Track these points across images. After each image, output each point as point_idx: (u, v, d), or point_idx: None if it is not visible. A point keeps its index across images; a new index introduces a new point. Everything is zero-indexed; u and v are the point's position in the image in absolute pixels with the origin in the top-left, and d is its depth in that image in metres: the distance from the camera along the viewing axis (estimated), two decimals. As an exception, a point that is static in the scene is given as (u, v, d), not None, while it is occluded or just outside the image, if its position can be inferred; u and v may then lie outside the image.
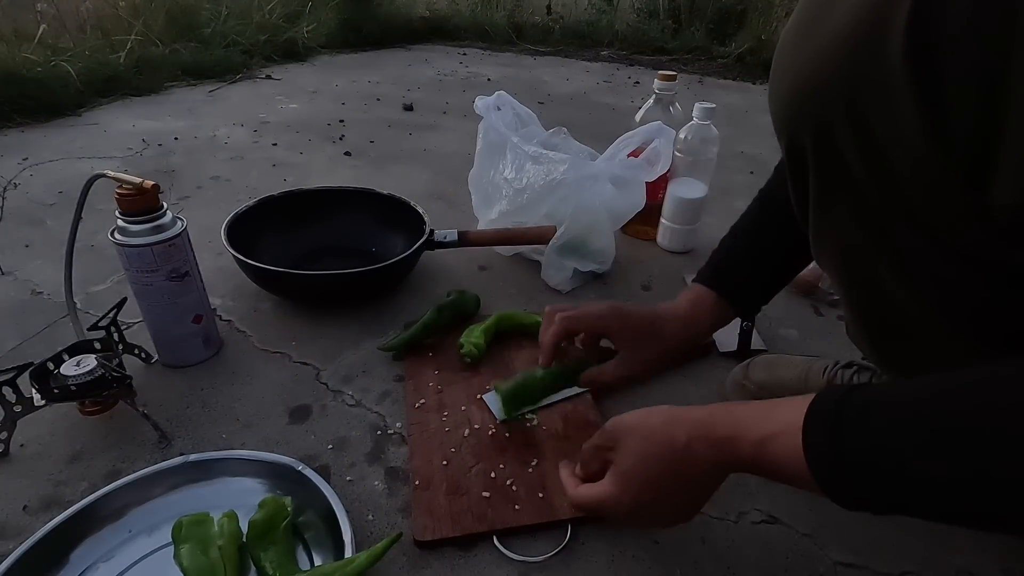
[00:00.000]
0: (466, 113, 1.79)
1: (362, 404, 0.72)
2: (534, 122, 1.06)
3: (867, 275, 0.44)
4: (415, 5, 3.20)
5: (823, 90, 0.37)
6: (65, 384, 0.62)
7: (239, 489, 0.58)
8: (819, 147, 0.40)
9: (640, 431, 0.47)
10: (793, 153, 0.43)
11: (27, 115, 1.61)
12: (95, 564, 0.52)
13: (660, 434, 0.46)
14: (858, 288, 0.47)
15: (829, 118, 0.37)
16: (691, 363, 0.80)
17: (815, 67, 0.37)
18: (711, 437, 0.43)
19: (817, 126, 0.39)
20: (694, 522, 0.57)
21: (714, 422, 0.44)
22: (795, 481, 0.39)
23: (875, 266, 0.42)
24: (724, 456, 0.43)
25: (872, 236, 0.41)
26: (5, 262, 0.97)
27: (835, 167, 0.39)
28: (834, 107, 0.37)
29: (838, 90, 0.36)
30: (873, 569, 0.55)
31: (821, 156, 0.40)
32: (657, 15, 2.93)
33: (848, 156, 0.38)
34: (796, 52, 0.39)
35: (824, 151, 0.39)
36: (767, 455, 0.40)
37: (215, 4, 2.47)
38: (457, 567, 0.54)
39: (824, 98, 0.37)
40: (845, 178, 0.39)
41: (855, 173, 0.38)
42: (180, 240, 0.70)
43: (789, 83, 0.40)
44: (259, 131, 1.64)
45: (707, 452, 0.43)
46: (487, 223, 1.01)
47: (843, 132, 0.37)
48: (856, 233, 0.42)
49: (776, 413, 0.40)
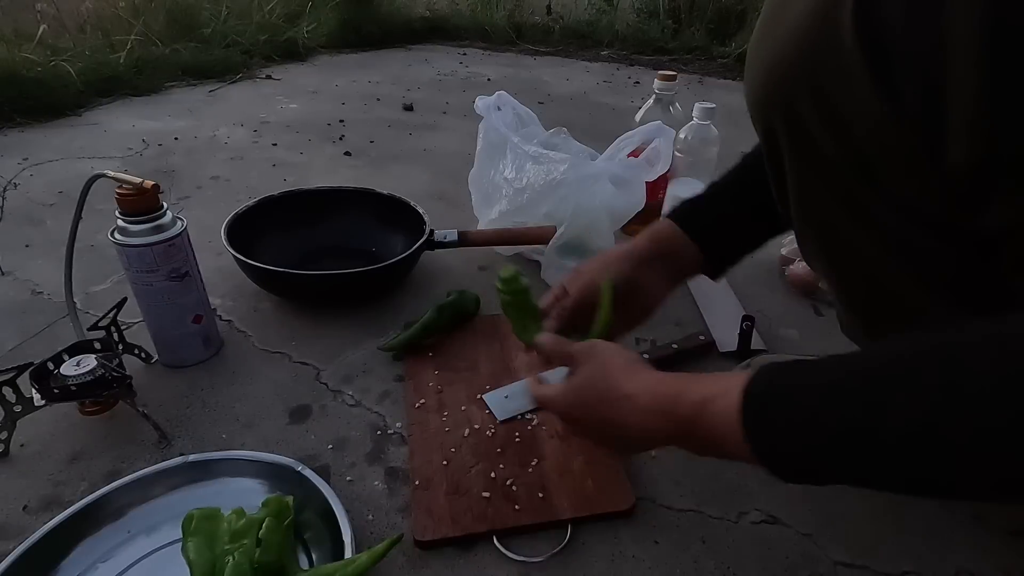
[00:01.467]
0: (466, 113, 1.79)
1: (362, 404, 0.72)
2: (534, 122, 1.06)
3: (850, 258, 0.46)
4: (415, 5, 3.20)
5: (788, 76, 0.40)
6: (65, 384, 0.62)
7: (239, 489, 0.58)
8: (790, 128, 0.42)
9: (600, 359, 0.50)
10: (768, 138, 0.46)
11: (27, 115, 1.60)
12: (94, 564, 0.52)
13: (610, 374, 0.49)
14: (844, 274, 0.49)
15: (796, 100, 0.40)
16: (691, 364, 0.80)
17: (778, 57, 0.41)
18: (655, 392, 0.45)
19: (786, 109, 0.42)
20: (694, 522, 0.58)
21: (661, 381, 0.46)
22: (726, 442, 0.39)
23: (856, 247, 0.44)
24: (662, 414, 0.44)
25: (851, 215, 0.43)
26: (5, 262, 0.97)
27: (806, 146, 0.42)
28: (799, 90, 0.40)
29: (801, 75, 0.39)
30: (873, 569, 0.55)
31: (793, 137, 0.43)
32: (657, 15, 2.92)
33: (816, 134, 0.40)
34: (761, 45, 0.43)
35: (795, 132, 0.42)
36: (704, 415, 0.41)
37: (215, 4, 2.47)
38: (457, 567, 0.54)
39: (789, 83, 0.40)
40: (817, 156, 0.41)
41: (825, 150, 0.41)
42: (180, 240, 0.70)
43: (758, 73, 0.43)
44: (259, 131, 1.64)
45: (645, 405, 0.45)
46: (487, 223, 1.01)
47: (809, 112, 0.40)
48: (836, 211, 0.44)
49: (722, 377, 0.42)
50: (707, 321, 0.88)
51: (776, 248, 1.03)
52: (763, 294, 0.96)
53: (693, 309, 0.91)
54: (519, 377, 0.74)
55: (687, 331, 0.86)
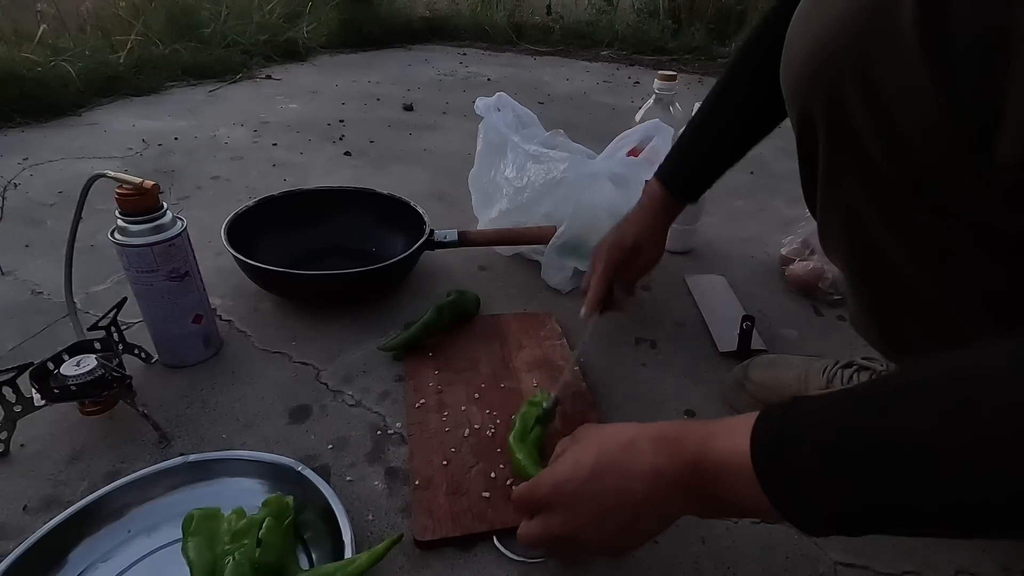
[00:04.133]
0: (466, 113, 1.79)
1: (362, 404, 0.72)
2: (534, 123, 1.06)
3: (876, 254, 0.44)
4: (415, 5, 3.20)
5: (836, 58, 0.38)
6: (65, 384, 0.62)
7: (239, 489, 0.57)
8: (831, 116, 0.41)
9: (599, 430, 0.46)
10: (803, 123, 0.44)
11: (27, 115, 1.60)
12: (94, 564, 0.52)
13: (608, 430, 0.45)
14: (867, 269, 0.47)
15: (840, 86, 0.38)
16: (690, 363, 0.80)
17: (828, 37, 0.38)
18: (659, 436, 0.41)
19: (829, 94, 0.40)
20: (694, 522, 0.57)
21: (665, 425, 0.42)
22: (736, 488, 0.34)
23: (884, 241, 0.43)
24: (665, 457, 0.39)
25: (882, 209, 0.41)
26: (5, 262, 0.97)
27: (846, 136, 0.40)
28: (846, 75, 0.38)
29: (849, 57, 0.37)
30: (873, 569, 0.55)
31: (832, 126, 0.41)
32: (657, 15, 2.93)
33: (859, 123, 0.38)
34: (809, 25, 0.40)
35: (835, 119, 0.40)
36: (709, 453, 0.36)
37: (215, 4, 2.47)
38: (457, 567, 0.54)
39: (836, 66, 0.38)
40: (856, 148, 0.40)
41: (865, 141, 0.39)
42: (180, 240, 0.70)
43: (803, 54, 0.41)
44: (259, 131, 1.64)
45: (649, 449, 0.40)
46: (487, 223, 1.01)
47: (854, 98, 0.38)
48: (866, 206, 0.42)
49: (729, 419, 0.38)
50: (707, 321, 0.88)
51: (776, 248, 1.03)
52: (763, 294, 0.96)
53: (693, 309, 0.91)
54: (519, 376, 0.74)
55: (687, 331, 0.86)
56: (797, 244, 0.98)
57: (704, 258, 1.07)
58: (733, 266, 1.03)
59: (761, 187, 1.37)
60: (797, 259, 0.96)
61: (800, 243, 0.98)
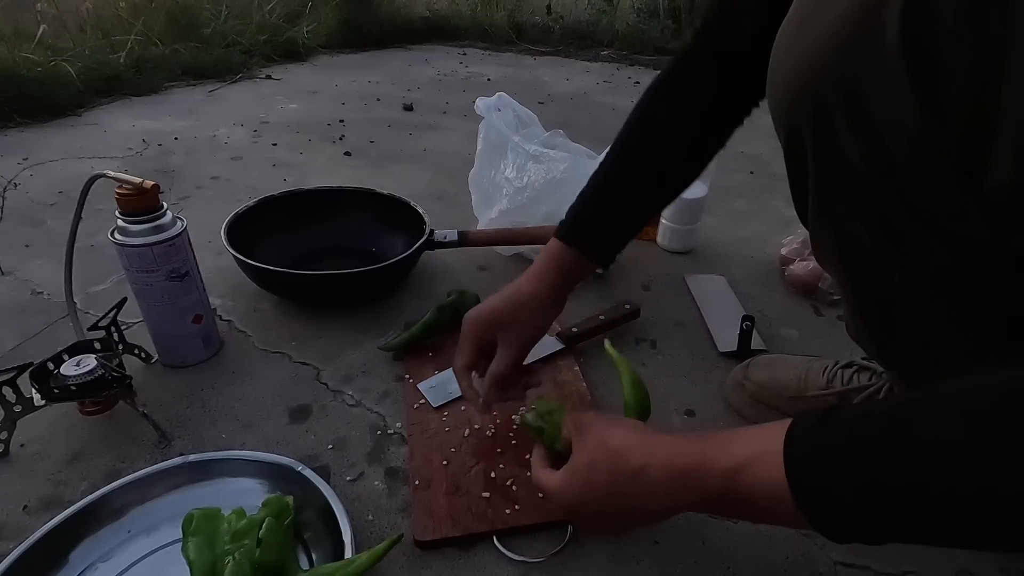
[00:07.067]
0: (466, 113, 1.79)
1: (362, 404, 0.72)
2: (534, 123, 1.06)
3: (869, 269, 0.44)
4: (415, 5, 3.20)
5: (820, 81, 0.38)
6: (65, 384, 0.62)
7: (239, 489, 0.58)
8: (818, 138, 0.40)
9: (600, 433, 0.46)
10: (792, 146, 0.44)
11: (27, 115, 1.60)
12: (94, 564, 0.52)
13: (614, 447, 0.44)
14: (860, 283, 0.47)
15: (827, 107, 0.38)
16: (690, 363, 0.80)
17: (812, 59, 0.38)
18: (672, 466, 0.41)
19: (815, 116, 0.39)
20: (694, 522, 0.58)
21: (678, 451, 0.41)
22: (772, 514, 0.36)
23: (876, 258, 0.42)
24: (686, 489, 0.40)
25: (872, 227, 0.41)
26: (5, 262, 0.97)
27: (834, 157, 0.40)
28: (831, 96, 0.37)
29: (835, 79, 0.37)
30: (873, 569, 0.55)
31: (820, 147, 0.41)
32: (657, 15, 2.92)
33: (846, 145, 0.38)
34: (793, 46, 0.40)
35: (823, 141, 0.40)
36: (739, 486, 0.37)
37: (215, 4, 2.47)
38: (457, 567, 0.54)
39: (821, 88, 0.38)
40: (844, 168, 0.39)
41: (853, 162, 0.38)
42: (180, 240, 0.70)
43: (787, 76, 0.41)
44: (259, 131, 1.64)
45: (664, 481, 0.41)
46: (487, 222, 1.01)
47: (840, 121, 0.37)
48: (857, 225, 0.42)
49: (749, 439, 0.38)
50: (707, 321, 0.88)
51: (776, 248, 1.03)
52: (763, 294, 0.96)
53: (693, 309, 0.91)
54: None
55: (687, 331, 0.86)
56: (797, 244, 0.98)
57: (704, 258, 1.07)
58: (733, 266, 1.03)
59: (761, 187, 1.37)
60: (797, 259, 0.96)
61: (800, 243, 0.98)
